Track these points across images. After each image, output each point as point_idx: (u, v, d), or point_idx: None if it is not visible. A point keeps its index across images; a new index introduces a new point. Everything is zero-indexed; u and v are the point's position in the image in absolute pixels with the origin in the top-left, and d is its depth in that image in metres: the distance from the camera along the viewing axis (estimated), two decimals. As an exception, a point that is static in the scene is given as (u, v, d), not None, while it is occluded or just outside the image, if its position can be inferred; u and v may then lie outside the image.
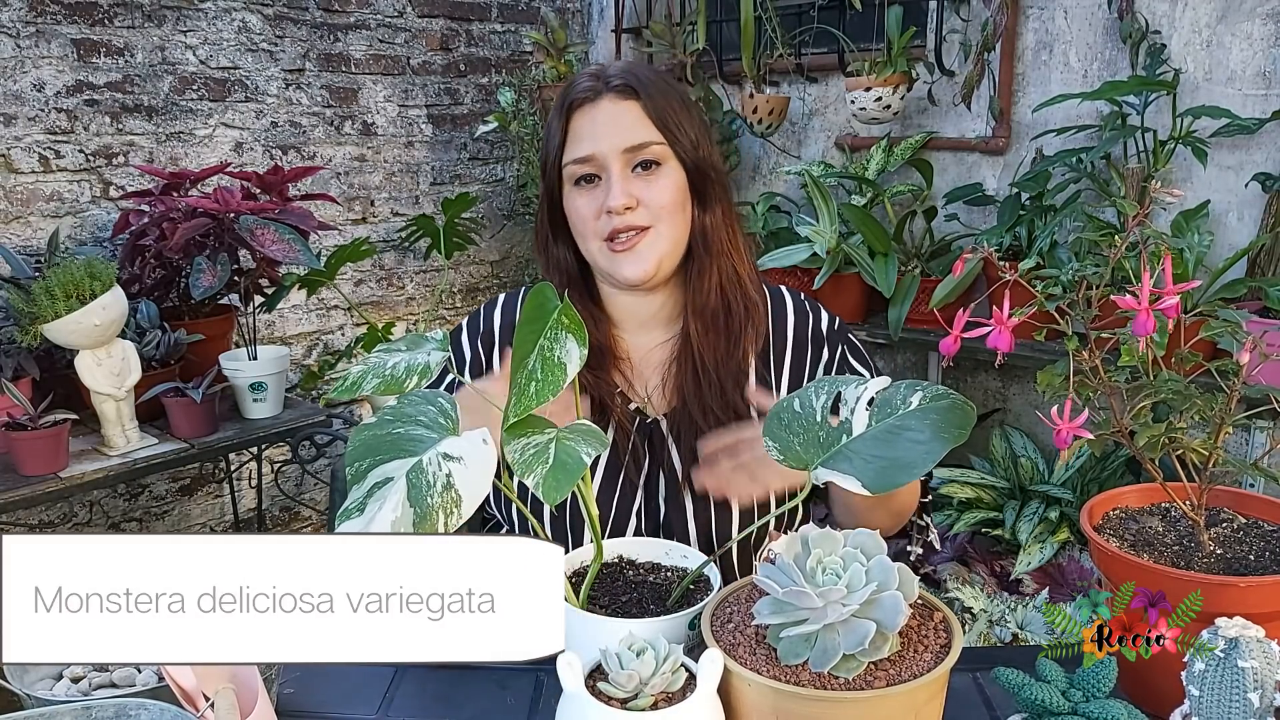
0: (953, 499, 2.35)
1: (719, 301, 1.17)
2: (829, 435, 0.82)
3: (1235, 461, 0.94)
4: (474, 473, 0.72)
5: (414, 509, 0.69)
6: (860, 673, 0.78)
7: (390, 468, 0.73)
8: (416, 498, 0.70)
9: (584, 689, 0.81)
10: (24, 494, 1.80)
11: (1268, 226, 2.04)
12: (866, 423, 0.82)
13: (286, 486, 2.77)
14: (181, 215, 2.04)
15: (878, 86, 2.44)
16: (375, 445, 0.75)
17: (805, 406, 0.85)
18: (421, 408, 0.78)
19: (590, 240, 1.13)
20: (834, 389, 0.85)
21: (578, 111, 1.13)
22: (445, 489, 0.70)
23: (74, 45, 2.23)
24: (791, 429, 0.84)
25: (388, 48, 2.83)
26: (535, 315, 0.80)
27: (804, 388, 0.87)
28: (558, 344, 0.79)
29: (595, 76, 1.14)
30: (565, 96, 1.14)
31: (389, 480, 0.72)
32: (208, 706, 0.74)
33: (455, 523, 0.69)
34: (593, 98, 1.12)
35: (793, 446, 0.83)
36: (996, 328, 0.87)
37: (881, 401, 0.83)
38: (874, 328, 2.46)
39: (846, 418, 0.83)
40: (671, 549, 1.02)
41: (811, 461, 0.81)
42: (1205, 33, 2.14)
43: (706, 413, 1.15)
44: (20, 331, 1.87)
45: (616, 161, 1.10)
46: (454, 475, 0.71)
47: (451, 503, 0.70)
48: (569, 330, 0.79)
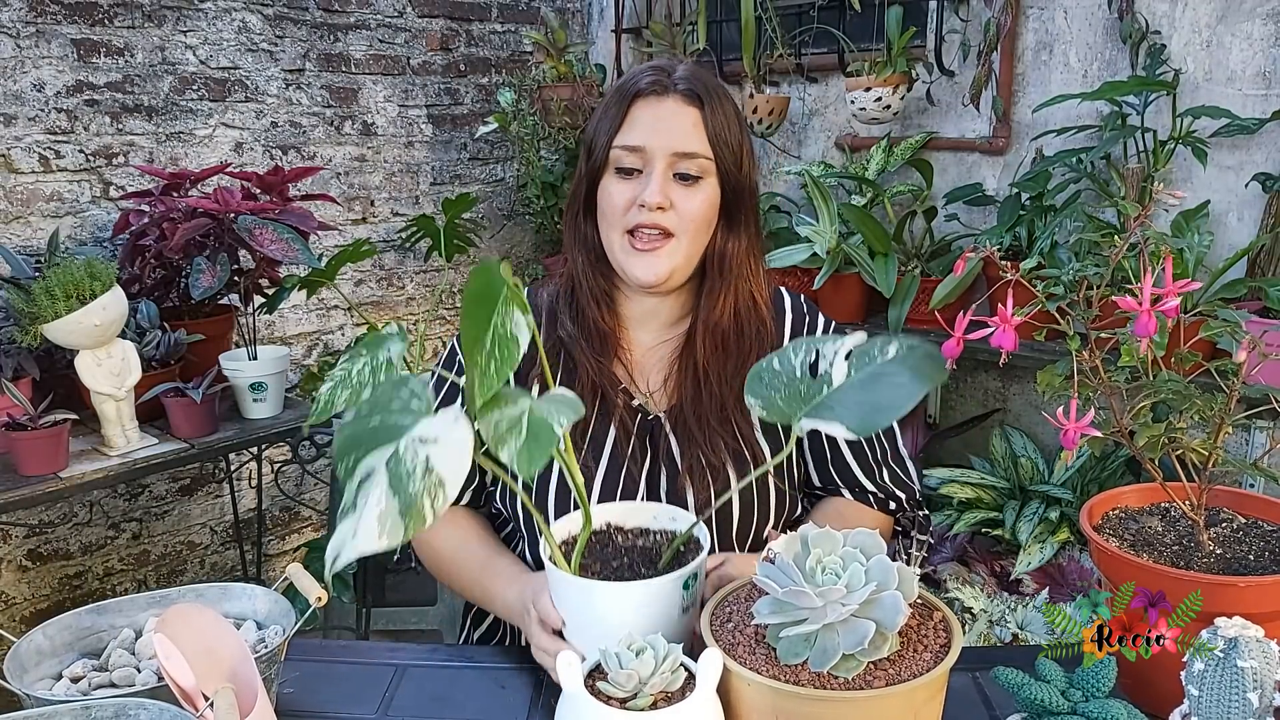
0: (953, 499, 2.35)
1: (732, 324, 1.18)
2: (810, 389, 0.82)
3: (1235, 461, 0.94)
4: (451, 453, 0.70)
5: (397, 498, 0.68)
6: (860, 672, 0.78)
7: (371, 460, 0.72)
8: (398, 487, 0.69)
9: (583, 689, 0.81)
10: (24, 494, 1.79)
11: (1268, 226, 2.04)
12: (846, 374, 0.82)
13: (286, 486, 2.77)
14: (181, 215, 2.04)
15: (878, 86, 2.44)
16: (357, 438, 0.73)
17: (784, 364, 0.85)
18: (393, 394, 0.77)
19: (614, 229, 1.14)
20: (811, 347, 0.85)
21: (640, 101, 1.14)
22: (425, 473, 0.69)
23: (74, 45, 2.23)
24: (772, 386, 0.84)
25: (388, 48, 2.83)
26: (484, 295, 0.78)
27: (782, 348, 0.87)
28: (508, 319, 0.78)
29: (663, 72, 1.15)
30: (630, 84, 1.15)
31: (372, 472, 0.71)
32: (207, 706, 0.74)
33: (441, 506, 0.68)
34: (659, 92, 1.14)
35: (775, 401, 0.82)
36: (1000, 327, 0.87)
37: (859, 354, 0.83)
38: (874, 328, 2.46)
39: (826, 371, 0.83)
40: (659, 512, 1.02)
41: (794, 414, 0.81)
42: (1205, 33, 2.14)
43: (703, 421, 1.16)
44: (20, 331, 1.87)
45: (662, 160, 1.12)
46: (432, 459, 0.70)
47: (434, 486, 0.69)
48: (516, 305, 0.79)
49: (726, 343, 1.18)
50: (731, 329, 1.18)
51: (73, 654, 0.96)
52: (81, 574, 2.40)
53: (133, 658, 0.95)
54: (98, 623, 0.98)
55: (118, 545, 2.45)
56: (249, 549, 2.68)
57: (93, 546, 2.41)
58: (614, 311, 1.21)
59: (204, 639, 0.84)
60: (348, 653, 1.18)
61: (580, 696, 0.80)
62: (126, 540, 2.47)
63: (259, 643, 0.96)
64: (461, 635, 1.35)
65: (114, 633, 0.98)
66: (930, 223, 2.52)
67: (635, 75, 1.16)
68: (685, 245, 1.14)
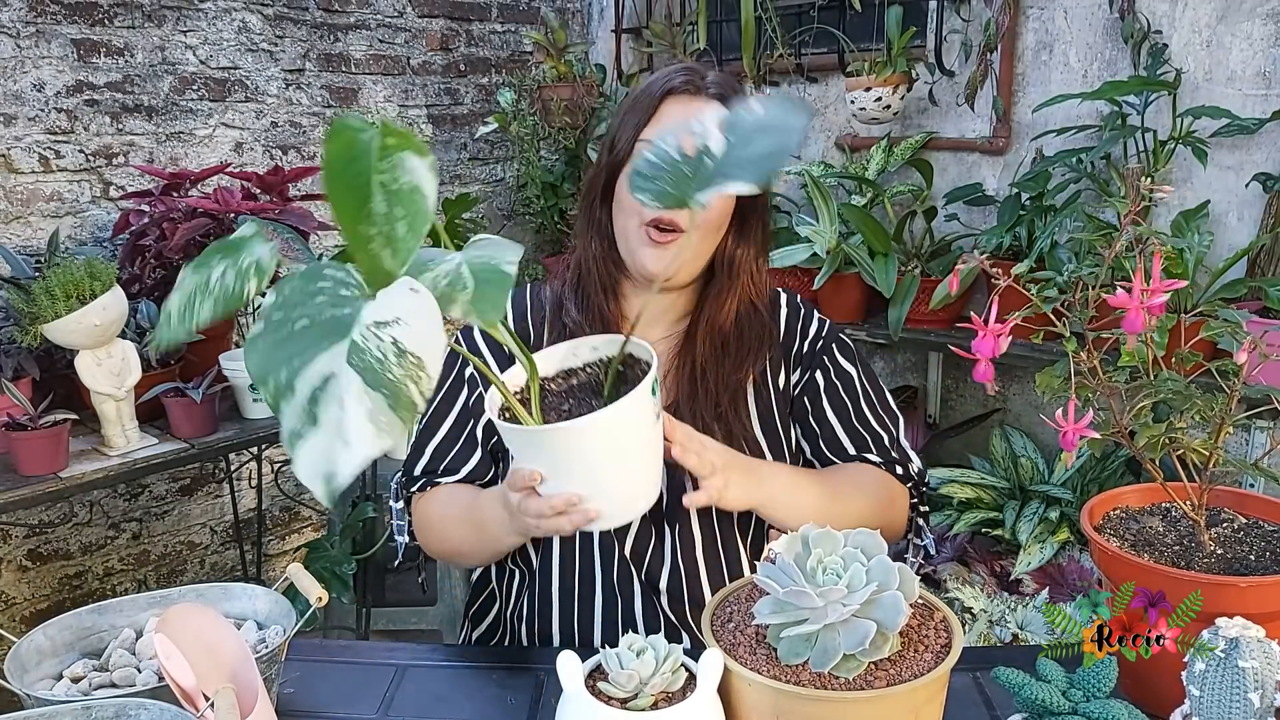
0: (953, 499, 2.35)
1: (733, 328, 1.21)
2: (694, 168, 0.81)
3: (1235, 461, 0.94)
4: (420, 327, 0.63)
5: (380, 392, 0.60)
6: (860, 673, 0.78)
7: (319, 365, 0.61)
8: (375, 380, 0.60)
9: (584, 689, 0.81)
10: (24, 494, 1.79)
11: (1268, 226, 2.04)
12: (724, 143, 0.81)
13: (286, 486, 2.77)
14: (181, 215, 2.04)
15: (878, 86, 2.44)
16: (282, 349, 0.62)
17: (661, 156, 0.83)
18: (312, 286, 0.66)
19: (631, 217, 1.15)
20: (678, 131, 0.84)
21: (672, 99, 1.16)
22: (399, 356, 0.61)
23: (74, 45, 2.23)
24: (656, 179, 0.82)
25: (388, 48, 2.83)
26: (348, 155, 0.63)
27: (651, 142, 0.86)
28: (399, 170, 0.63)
29: (697, 74, 1.17)
30: (663, 82, 1.17)
31: (329, 378, 0.60)
32: (208, 706, 0.74)
33: (428, 388, 0.61)
34: (691, 92, 1.16)
35: (664, 190, 0.81)
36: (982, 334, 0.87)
37: (729, 122, 0.82)
38: (874, 328, 2.46)
39: (703, 146, 0.81)
40: (577, 347, 1.01)
41: (688, 194, 0.79)
42: (1205, 33, 2.14)
43: (698, 418, 1.17)
44: (20, 331, 1.87)
45: None
46: (400, 340, 0.62)
47: (414, 368, 0.61)
48: (402, 148, 0.64)
49: (726, 344, 1.20)
50: (732, 331, 1.21)
51: (73, 654, 0.96)
52: (81, 574, 2.40)
53: (133, 658, 0.95)
54: (98, 623, 0.98)
55: (118, 545, 2.45)
56: (249, 549, 2.68)
57: (93, 546, 2.41)
58: (619, 304, 1.23)
59: (204, 639, 0.84)
60: (348, 653, 1.18)
61: (580, 696, 0.80)
62: (126, 540, 2.47)
63: (259, 643, 0.96)
64: (461, 635, 1.35)
65: (114, 633, 0.98)
66: (930, 223, 2.52)
67: (669, 74, 1.18)
68: (695, 243, 1.16)
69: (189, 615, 0.85)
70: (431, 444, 1.23)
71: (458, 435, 1.23)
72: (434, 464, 1.23)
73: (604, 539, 1.18)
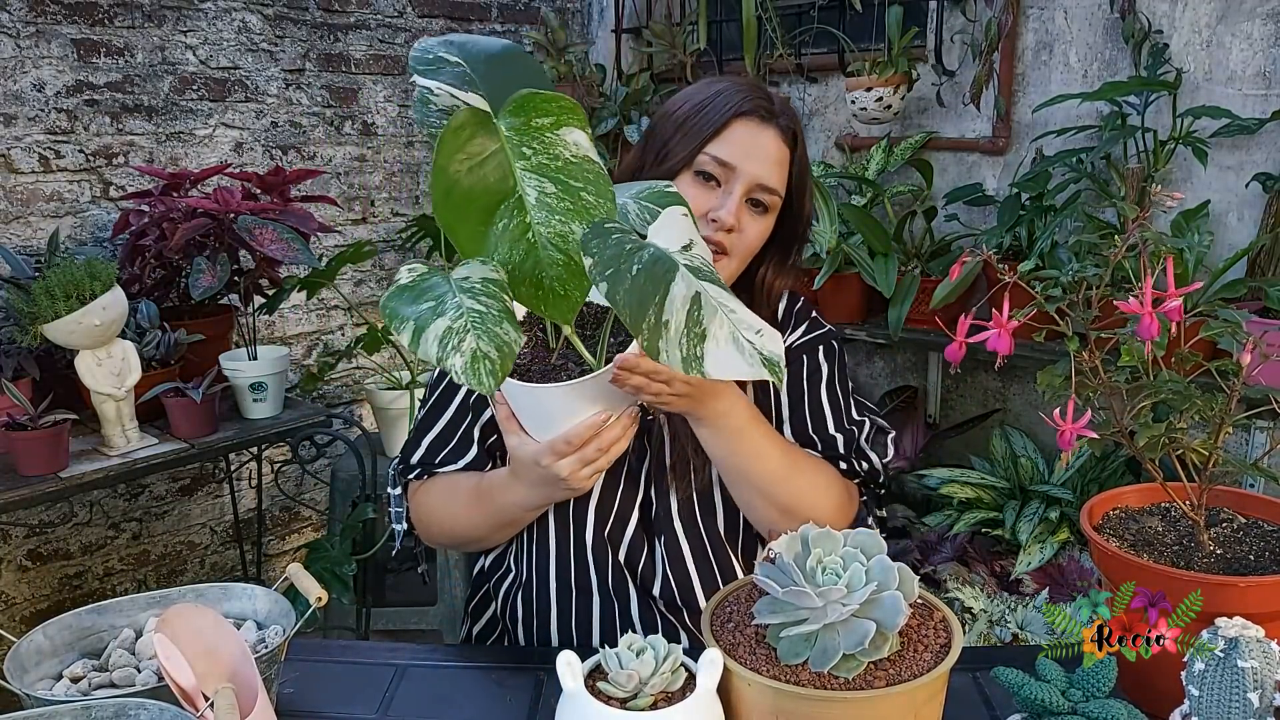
0: (953, 499, 2.35)
1: None
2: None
3: (1235, 461, 0.94)
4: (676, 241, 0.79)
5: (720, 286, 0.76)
6: (860, 672, 0.78)
7: (678, 290, 0.73)
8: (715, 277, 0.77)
9: (584, 689, 0.81)
10: (24, 494, 1.79)
11: (1268, 226, 2.04)
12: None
13: (287, 486, 2.77)
14: (181, 215, 2.04)
15: (878, 86, 2.44)
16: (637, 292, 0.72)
17: None
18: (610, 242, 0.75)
19: None
20: None
21: (744, 119, 1.15)
22: (706, 264, 0.78)
23: (74, 45, 2.23)
24: None
25: (388, 48, 2.83)
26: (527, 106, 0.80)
27: None
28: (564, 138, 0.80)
29: (768, 99, 1.18)
30: (734, 100, 1.16)
31: (694, 297, 0.73)
32: (207, 706, 0.74)
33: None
34: (764, 119, 1.16)
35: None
36: (996, 331, 0.87)
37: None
38: (874, 328, 2.46)
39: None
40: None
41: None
42: (1205, 33, 2.14)
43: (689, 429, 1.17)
44: (20, 331, 1.87)
45: (743, 184, 1.15)
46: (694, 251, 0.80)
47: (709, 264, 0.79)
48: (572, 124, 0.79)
49: None
50: None
51: (73, 654, 0.96)
52: (81, 574, 2.40)
53: (133, 658, 0.95)
54: (98, 623, 0.98)
55: (118, 545, 2.45)
56: (249, 549, 2.68)
57: (93, 546, 2.41)
58: None
59: (204, 639, 0.84)
60: (348, 653, 1.18)
61: (580, 696, 0.80)
62: (126, 540, 2.47)
63: (259, 643, 0.96)
64: (462, 630, 1.35)
65: (114, 633, 0.98)
66: (930, 223, 2.52)
67: (742, 91, 1.17)
68: (733, 265, 1.18)
69: (189, 615, 0.85)
70: (428, 437, 1.24)
71: (454, 430, 1.23)
72: (430, 456, 1.23)
73: (598, 547, 1.19)
